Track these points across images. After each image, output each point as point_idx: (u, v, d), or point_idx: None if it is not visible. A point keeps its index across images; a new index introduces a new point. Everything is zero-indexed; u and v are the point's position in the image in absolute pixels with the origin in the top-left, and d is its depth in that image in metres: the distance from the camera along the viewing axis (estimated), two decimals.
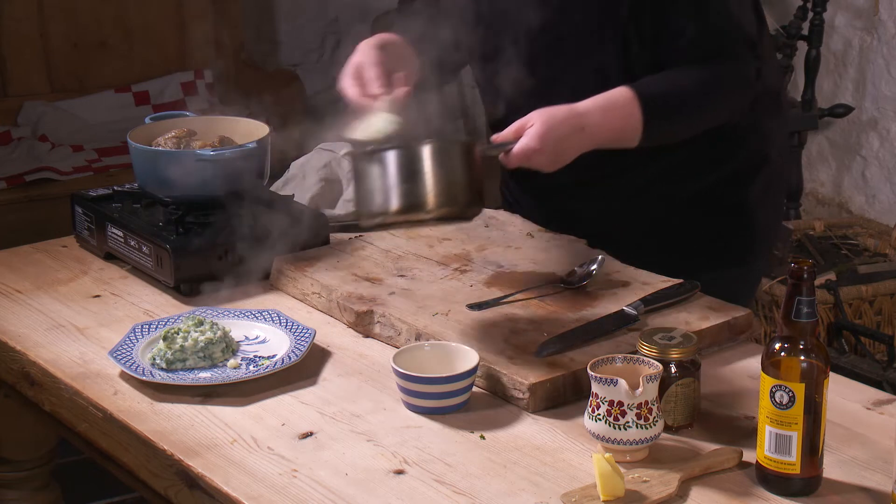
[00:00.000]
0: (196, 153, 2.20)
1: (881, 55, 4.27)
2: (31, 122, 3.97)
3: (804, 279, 1.51)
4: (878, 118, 4.30)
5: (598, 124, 2.00)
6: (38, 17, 4.01)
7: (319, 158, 2.48)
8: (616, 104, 2.02)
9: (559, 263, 2.14)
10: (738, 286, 2.22)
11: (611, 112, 2.02)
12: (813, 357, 1.52)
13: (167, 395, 1.82)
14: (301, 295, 2.12)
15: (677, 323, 1.91)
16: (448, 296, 2.03)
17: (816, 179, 4.53)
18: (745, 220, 2.25)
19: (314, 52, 4.54)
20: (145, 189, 2.27)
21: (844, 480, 1.58)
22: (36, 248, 2.37)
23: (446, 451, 1.66)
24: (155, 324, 1.97)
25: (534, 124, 1.94)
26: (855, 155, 4.40)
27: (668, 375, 1.67)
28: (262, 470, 1.63)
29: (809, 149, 4.52)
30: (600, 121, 2.01)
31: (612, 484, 1.52)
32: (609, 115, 2.02)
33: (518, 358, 1.82)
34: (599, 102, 2.01)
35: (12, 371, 2.01)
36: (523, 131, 1.95)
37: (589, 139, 2.00)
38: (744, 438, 1.66)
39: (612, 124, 2.02)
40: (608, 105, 2.02)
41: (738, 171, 2.22)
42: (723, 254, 2.23)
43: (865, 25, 4.31)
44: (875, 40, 4.28)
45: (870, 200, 4.36)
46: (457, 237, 2.28)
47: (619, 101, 2.03)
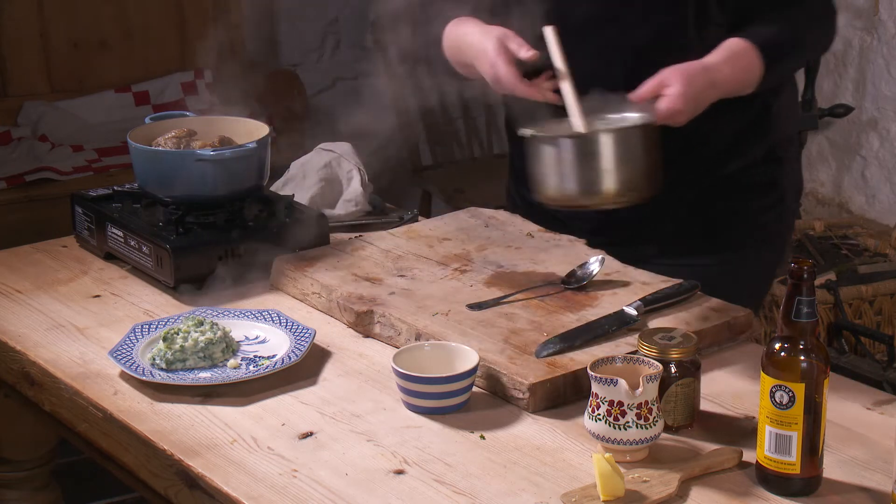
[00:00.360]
0: (196, 153, 2.20)
1: (881, 55, 4.27)
2: (31, 122, 3.97)
3: (804, 279, 1.51)
4: (878, 118, 4.30)
5: (726, 78, 2.07)
6: (38, 17, 4.01)
7: (319, 158, 2.48)
8: (739, 56, 2.09)
9: (559, 263, 2.14)
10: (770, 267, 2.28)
11: (736, 64, 2.08)
12: (813, 357, 1.52)
13: (167, 395, 1.82)
14: (301, 295, 2.12)
15: (677, 323, 1.91)
16: (448, 296, 2.03)
17: (816, 179, 4.53)
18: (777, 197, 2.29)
19: (314, 52, 4.54)
20: (145, 189, 2.27)
21: (844, 480, 1.58)
22: (36, 248, 2.37)
23: (446, 451, 1.66)
24: (155, 324, 1.97)
25: (672, 84, 2.00)
26: (855, 155, 4.40)
27: (668, 375, 1.67)
28: (262, 470, 1.63)
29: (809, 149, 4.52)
30: (728, 74, 2.07)
31: (612, 484, 1.52)
32: (735, 67, 2.08)
33: (518, 358, 1.82)
34: (724, 55, 2.07)
35: (12, 371, 2.01)
36: (661, 90, 2.00)
37: (717, 93, 2.07)
38: (744, 438, 1.66)
39: (738, 76, 2.09)
40: (733, 57, 2.08)
41: (771, 149, 2.27)
42: (758, 233, 2.26)
43: (865, 25, 4.31)
44: (875, 40, 4.29)
45: (870, 200, 4.36)
46: (457, 237, 2.28)
47: (740, 52, 2.08)
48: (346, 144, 2.51)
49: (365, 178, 2.45)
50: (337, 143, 2.51)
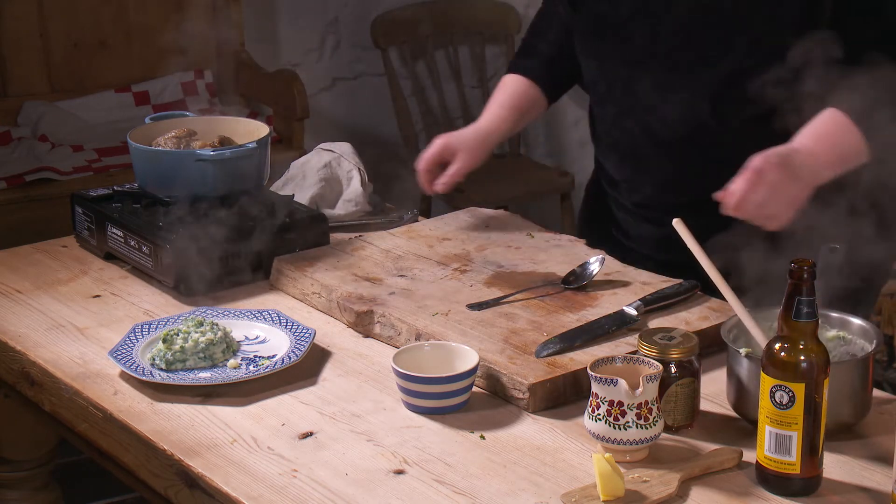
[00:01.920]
0: (196, 153, 2.20)
1: None
2: (31, 122, 3.96)
3: (804, 279, 1.51)
4: None
5: (806, 140, 1.91)
6: (38, 17, 4.01)
7: (319, 158, 2.48)
8: (819, 122, 1.93)
9: (559, 263, 2.14)
10: None
11: (815, 128, 1.93)
12: (813, 357, 1.52)
13: (167, 395, 1.82)
14: (301, 295, 2.12)
15: (677, 323, 1.91)
16: (448, 296, 2.03)
17: None
18: None
19: (314, 52, 4.54)
20: (145, 189, 2.27)
21: (844, 480, 1.58)
22: (36, 248, 2.37)
23: (446, 451, 1.66)
24: (155, 324, 1.97)
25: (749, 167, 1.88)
26: None
27: (668, 375, 1.67)
28: (262, 470, 1.63)
29: None
30: (808, 139, 1.92)
31: (612, 484, 1.52)
32: (814, 131, 1.93)
33: (518, 358, 1.82)
34: (809, 132, 1.93)
35: (12, 371, 2.01)
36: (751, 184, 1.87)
37: (811, 156, 1.90)
38: (744, 438, 1.66)
39: (826, 140, 1.92)
40: (813, 127, 1.93)
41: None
42: None
43: None
44: None
45: None
46: (457, 237, 2.28)
47: (823, 118, 1.93)
48: (346, 144, 2.51)
49: (365, 178, 2.45)
50: (337, 144, 2.51)
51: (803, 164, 1.89)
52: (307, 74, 4.25)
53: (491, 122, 2.35)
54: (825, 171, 1.91)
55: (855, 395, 1.66)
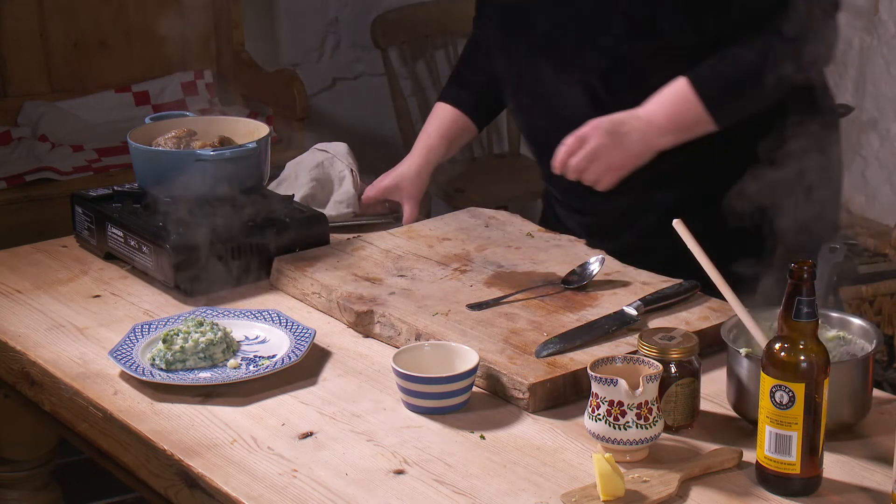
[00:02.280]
0: (196, 153, 2.20)
1: (881, 55, 4.27)
2: (31, 122, 3.97)
3: (804, 279, 1.51)
4: (878, 118, 4.30)
5: (648, 108, 2.06)
6: (38, 17, 4.01)
7: (312, 158, 2.47)
8: (666, 90, 2.07)
9: (559, 263, 2.14)
10: None
11: (662, 96, 2.07)
12: (813, 357, 1.52)
13: (167, 395, 1.82)
14: (301, 295, 2.12)
15: (677, 323, 1.91)
16: (448, 296, 2.03)
17: None
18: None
19: (314, 52, 4.54)
20: (145, 189, 2.27)
21: (844, 480, 1.58)
22: (36, 248, 2.37)
23: (446, 451, 1.66)
24: (155, 324, 1.97)
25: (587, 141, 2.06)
26: (855, 155, 4.40)
27: (668, 375, 1.67)
28: (262, 470, 1.63)
29: None
30: (651, 106, 2.06)
31: (612, 484, 1.52)
32: (659, 99, 2.07)
33: (518, 358, 1.82)
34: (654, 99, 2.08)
35: (12, 371, 2.01)
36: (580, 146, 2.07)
37: (647, 123, 2.05)
38: (744, 438, 1.66)
39: (667, 107, 2.06)
40: (660, 94, 2.07)
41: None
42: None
43: (865, 25, 4.31)
44: (875, 40, 4.29)
45: (870, 200, 4.36)
46: (457, 237, 2.28)
47: (669, 88, 2.07)
48: (341, 145, 2.51)
49: (357, 180, 2.45)
50: (332, 144, 2.51)
51: (635, 129, 2.05)
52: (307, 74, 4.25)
53: (424, 156, 2.42)
54: (663, 136, 2.06)
55: (855, 395, 1.66)
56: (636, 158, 2.08)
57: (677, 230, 1.74)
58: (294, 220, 2.25)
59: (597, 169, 2.07)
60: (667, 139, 2.08)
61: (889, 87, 4.25)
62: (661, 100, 2.08)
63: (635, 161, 2.08)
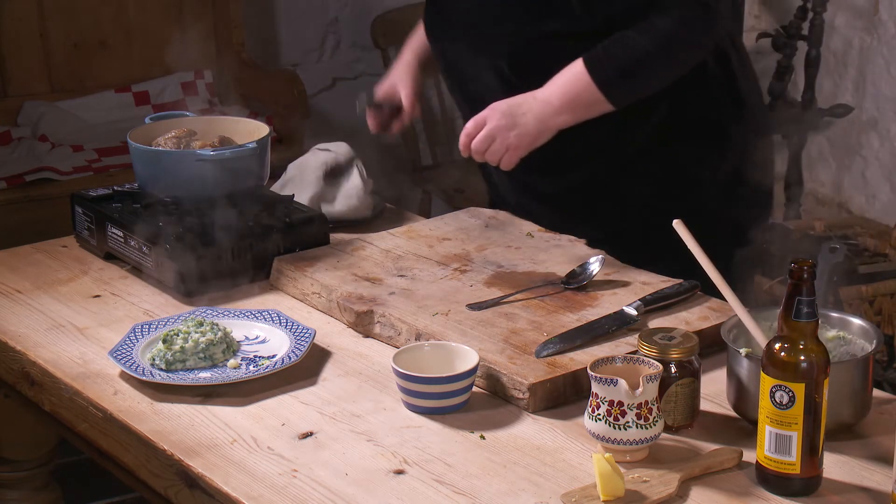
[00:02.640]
0: (196, 153, 2.20)
1: (881, 55, 4.27)
2: (31, 122, 3.96)
3: (804, 279, 1.51)
4: (878, 118, 4.30)
5: (545, 89, 2.14)
6: (38, 17, 4.01)
7: (316, 158, 2.47)
8: (563, 72, 2.15)
9: (559, 263, 2.14)
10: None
11: (558, 78, 2.15)
12: (813, 357, 1.52)
13: (167, 395, 1.82)
14: (301, 295, 2.12)
15: (677, 323, 1.91)
16: (448, 296, 2.03)
17: (816, 179, 4.53)
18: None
19: (314, 52, 4.54)
20: (145, 189, 2.27)
21: (844, 480, 1.58)
22: (36, 248, 2.37)
23: (446, 451, 1.66)
24: (155, 324, 1.97)
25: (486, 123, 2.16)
26: (855, 155, 4.40)
27: (668, 375, 1.67)
28: (262, 470, 1.63)
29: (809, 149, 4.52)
30: (548, 87, 2.14)
31: (612, 484, 1.52)
32: (556, 80, 2.15)
33: (518, 358, 1.82)
34: (552, 80, 2.16)
35: (12, 371, 2.01)
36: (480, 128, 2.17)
37: (543, 103, 2.14)
38: (744, 438, 1.66)
39: (563, 88, 2.14)
40: (557, 76, 2.15)
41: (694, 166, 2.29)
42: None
43: (865, 25, 4.31)
44: (875, 40, 4.29)
45: (870, 200, 4.36)
46: (457, 237, 2.28)
47: (566, 69, 2.14)
48: (343, 144, 2.51)
49: (364, 174, 2.45)
50: (333, 143, 2.51)
51: (531, 110, 2.14)
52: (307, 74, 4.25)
53: (411, 53, 2.47)
54: (560, 116, 2.15)
55: (855, 395, 1.66)
56: (533, 137, 2.16)
57: (678, 231, 1.75)
58: (294, 220, 2.25)
59: (496, 149, 2.16)
60: (563, 118, 2.15)
61: (889, 87, 4.25)
62: (557, 81, 2.15)
63: (532, 140, 2.16)
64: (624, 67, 2.14)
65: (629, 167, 2.28)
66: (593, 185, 2.31)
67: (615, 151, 2.27)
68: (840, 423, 1.64)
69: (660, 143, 2.27)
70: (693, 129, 2.27)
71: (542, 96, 2.15)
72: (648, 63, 2.15)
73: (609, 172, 2.29)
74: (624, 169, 2.29)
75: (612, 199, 2.31)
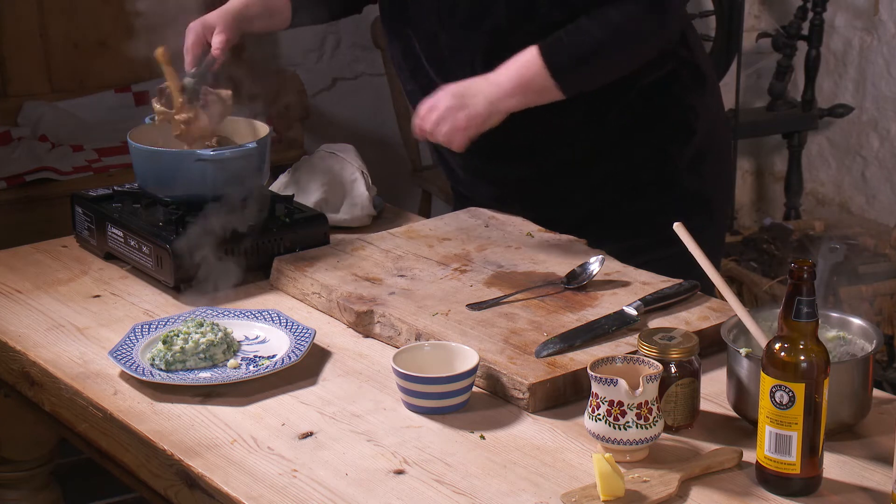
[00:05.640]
0: (196, 153, 2.20)
1: (881, 55, 4.27)
2: (31, 122, 3.97)
3: (804, 279, 1.51)
4: (878, 118, 4.31)
5: (497, 73, 2.15)
6: (38, 17, 4.01)
7: (322, 161, 2.47)
8: (517, 56, 2.16)
9: (559, 263, 2.14)
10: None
11: (511, 63, 2.16)
12: (813, 357, 1.52)
13: (167, 395, 1.82)
14: (301, 295, 2.12)
15: (677, 323, 1.91)
16: (448, 296, 2.03)
17: (816, 179, 4.54)
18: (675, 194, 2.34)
19: (314, 52, 4.54)
20: (145, 189, 2.27)
21: (844, 480, 1.58)
22: (36, 248, 2.37)
23: (446, 451, 1.66)
24: (155, 324, 1.97)
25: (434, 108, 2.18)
26: (855, 155, 4.40)
27: (668, 375, 1.67)
28: (262, 470, 1.63)
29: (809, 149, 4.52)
30: (501, 71, 2.16)
31: (612, 484, 1.52)
32: (508, 64, 2.16)
33: (518, 358, 1.82)
34: (505, 64, 2.17)
35: (12, 371, 2.01)
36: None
37: (494, 85, 2.15)
38: (744, 438, 1.66)
39: (515, 72, 2.14)
40: (511, 60, 2.16)
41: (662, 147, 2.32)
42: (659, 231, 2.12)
43: (865, 25, 4.31)
44: (875, 40, 4.29)
45: (870, 200, 4.36)
46: (457, 237, 2.28)
47: (521, 54, 2.15)
48: (349, 146, 2.51)
49: (369, 181, 2.45)
50: (340, 145, 2.51)
51: (481, 92, 2.16)
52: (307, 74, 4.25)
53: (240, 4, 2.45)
54: (509, 99, 2.16)
55: (855, 395, 1.66)
56: (483, 119, 2.16)
57: (678, 233, 1.75)
58: (294, 220, 2.25)
59: (444, 130, 2.17)
60: (512, 101, 2.16)
61: (889, 87, 4.25)
62: (510, 65, 2.16)
63: (481, 121, 2.16)
64: (576, 56, 2.16)
65: (601, 149, 2.31)
66: (566, 168, 2.33)
67: (587, 135, 2.30)
68: (840, 423, 1.64)
69: (629, 126, 2.29)
70: (662, 110, 2.30)
71: (493, 79, 2.17)
72: (600, 53, 2.17)
73: (581, 155, 2.31)
74: (595, 152, 2.31)
75: (585, 181, 2.34)
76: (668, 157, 2.31)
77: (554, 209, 2.36)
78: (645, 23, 2.17)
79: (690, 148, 2.33)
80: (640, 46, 2.21)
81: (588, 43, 2.15)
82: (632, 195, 2.32)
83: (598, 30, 2.15)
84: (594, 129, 2.29)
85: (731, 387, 1.71)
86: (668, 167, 2.32)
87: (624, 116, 2.28)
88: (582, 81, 2.19)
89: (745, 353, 1.67)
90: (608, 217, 2.33)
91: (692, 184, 2.33)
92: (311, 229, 2.26)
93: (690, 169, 2.33)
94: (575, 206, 2.35)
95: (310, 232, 2.26)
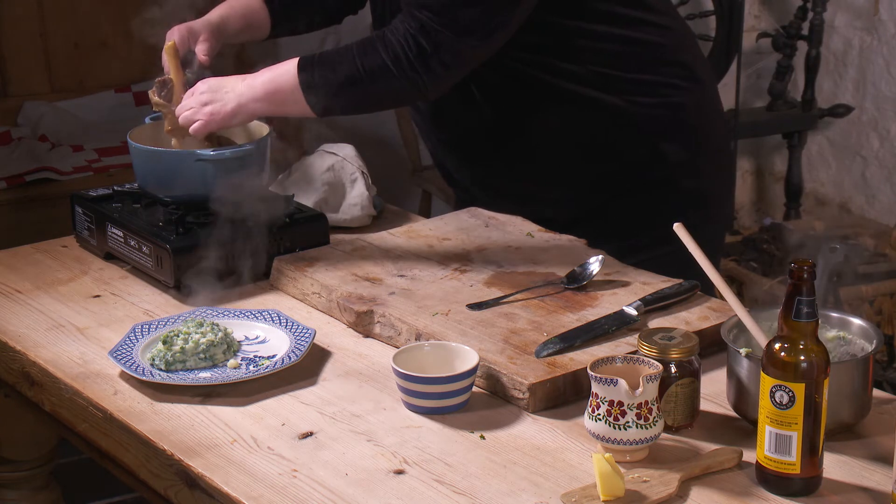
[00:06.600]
0: (196, 153, 2.20)
1: (881, 55, 4.27)
2: (31, 122, 3.97)
3: (804, 279, 1.51)
4: (878, 118, 4.31)
5: (256, 75, 2.20)
6: (38, 17, 4.01)
7: (322, 161, 2.47)
8: (280, 64, 2.21)
9: (559, 263, 2.14)
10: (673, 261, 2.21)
11: (271, 68, 2.21)
12: (813, 357, 1.52)
13: (167, 395, 1.82)
14: (301, 295, 2.12)
15: (677, 323, 1.92)
16: (448, 296, 2.03)
17: (816, 179, 4.54)
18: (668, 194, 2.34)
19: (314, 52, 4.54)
20: (145, 189, 2.27)
21: (844, 480, 1.58)
22: (36, 248, 2.37)
23: (446, 451, 1.66)
24: (155, 324, 1.97)
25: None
26: (855, 155, 4.40)
27: (668, 375, 1.67)
28: (262, 470, 1.63)
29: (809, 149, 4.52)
30: (259, 74, 2.21)
31: (612, 484, 1.52)
32: (268, 70, 2.21)
33: (518, 358, 1.82)
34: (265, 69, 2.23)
35: (12, 371, 2.01)
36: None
37: (248, 87, 2.19)
38: (744, 438, 1.66)
39: (270, 78, 2.19)
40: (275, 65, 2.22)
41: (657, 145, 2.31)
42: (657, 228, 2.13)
43: (865, 25, 4.31)
44: (875, 40, 4.29)
45: (870, 200, 4.36)
46: (457, 237, 2.28)
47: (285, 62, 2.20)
48: (348, 146, 2.50)
49: (368, 181, 2.45)
50: (339, 145, 2.51)
51: (233, 90, 2.21)
52: None
53: (221, 17, 2.50)
54: (256, 103, 2.20)
55: (855, 395, 1.66)
56: (227, 116, 2.20)
57: (678, 233, 1.75)
58: (294, 220, 2.25)
59: (189, 116, 2.23)
60: (260, 106, 2.20)
61: (889, 87, 4.25)
62: (270, 70, 2.21)
63: (226, 118, 2.20)
64: (327, 81, 2.15)
65: (596, 149, 2.30)
66: (563, 167, 2.33)
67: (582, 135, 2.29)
68: (840, 423, 1.65)
69: (623, 125, 2.29)
70: (656, 108, 2.29)
71: (250, 80, 2.20)
72: (349, 87, 2.14)
73: (578, 155, 2.31)
74: (591, 151, 2.31)
75: (582, 180, 2.34)
76: (663, 155, 2.31)
77: (552, 208, 2.36)
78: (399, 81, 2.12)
79: (685, 146, 2.33)
80: (389, 96, 2.20)
81: (342, 73, 2.14)
82: (628, 193, 2.32)
83: (356, 62, 2.12)
84: (589, 129, 2.28)
85: (731, 387, 1.71)
86: (664, 165, 2.32)
87: (618, 116, 2.28)
88: (332, 106, 2.17)
89: (745, 353, 1.67)
90: (605, 215, 2.33)
91: (688, 181, 2.33)
92: (311, 229, 2.26)
93: (686, 167, 2.33)
94: (573, 205, 2.35)
95: (310, 232, 2.26)
